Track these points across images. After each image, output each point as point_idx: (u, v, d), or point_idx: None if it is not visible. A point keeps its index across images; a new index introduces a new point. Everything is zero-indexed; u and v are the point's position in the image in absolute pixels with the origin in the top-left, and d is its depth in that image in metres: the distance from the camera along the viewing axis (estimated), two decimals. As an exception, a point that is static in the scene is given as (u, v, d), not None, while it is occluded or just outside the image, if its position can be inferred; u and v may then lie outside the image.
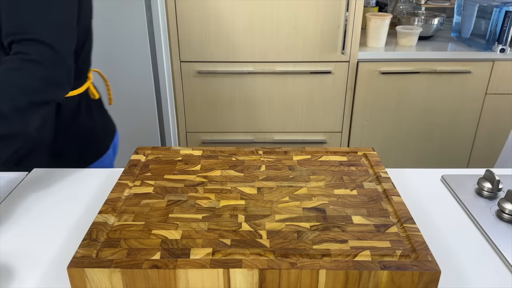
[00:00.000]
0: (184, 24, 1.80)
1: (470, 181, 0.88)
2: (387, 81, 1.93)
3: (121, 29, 1.74)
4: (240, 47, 1.85)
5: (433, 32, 2.10)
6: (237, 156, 0.88)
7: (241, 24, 1.81)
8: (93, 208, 0.81)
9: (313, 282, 0.58)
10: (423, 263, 0.59)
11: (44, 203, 0.83)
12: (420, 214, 0.80)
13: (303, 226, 0.66)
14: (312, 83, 1.92)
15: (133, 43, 1.78)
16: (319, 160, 0.87)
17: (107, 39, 1.75)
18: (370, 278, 0.58)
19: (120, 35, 1.75)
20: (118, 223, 0.67)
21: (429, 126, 2.04)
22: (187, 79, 1.91)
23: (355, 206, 0.72)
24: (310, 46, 1.85)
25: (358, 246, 0.62)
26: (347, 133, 2.05)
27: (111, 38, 1.75)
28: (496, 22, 1.86)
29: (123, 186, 0.77)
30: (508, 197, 0.77)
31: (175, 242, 0.63)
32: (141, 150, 0.90)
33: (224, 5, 1.77)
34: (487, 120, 2.03)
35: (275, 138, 2.04)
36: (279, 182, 0.79)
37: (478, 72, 1.92)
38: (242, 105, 1.96)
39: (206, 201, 0.73)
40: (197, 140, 2.05)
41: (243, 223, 0.67)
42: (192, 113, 1.98)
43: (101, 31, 1.73)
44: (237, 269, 0.57)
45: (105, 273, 0.57)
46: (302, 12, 1.79)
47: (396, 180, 0.91)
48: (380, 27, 1.91)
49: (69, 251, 0.70)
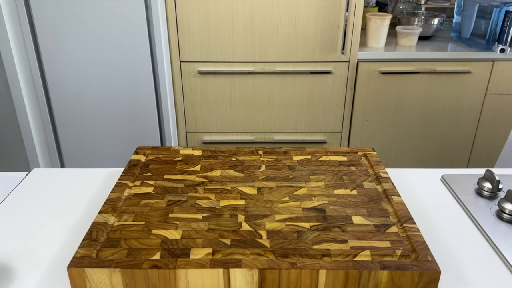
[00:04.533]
0: (184, 24, 1.80)
1: (470, 181, 0.88)
2: (387, 81, 1.93)
3: (121, 29, 1.74)
4: (240, 47, 1.85)
5: (433, 32, 2.10)
6: (237, 156, 0.88)
7: (241, 24, 1.81)
8: (93, 208, 0.81)
9: (313, 282, 0.58)
10: (423, 263, 0.59)
11: (44, 203, 0.83)
12: (420, 214, 0.80)
13: (303, 226, 0.66)
14: (312, 83, 1.92)
15: (133, 43, 1.78)
16: (319, 160, 0.87)
17: (107, 39, 1.75)
18: (370, 278, 0.58)
19: (120, 35, 1.75)
20: (118, 223, 0.67)
21: (429, 126, 2.04)
22: (187, 79, 1.91)
23: (355, 206, 0.72)
24: (310, 46, 1.85)
25: (358, 246, 0.62)
26: (347, 133, 2.05)
27: (111, 38, 1.75)
28: (496, 22, 1.86)
29: (123, 186, 0.77)
30: (508, 197, 0.77)
31: (175, 242, 0.63)
32: (141, 150, 0.90)
33: (224, 5, 1.77)
34: (487, 120, 2.02)
35: (275, 138, 2.04)
36: (279, 182, 0.79)
37: (478, 72, 1.92)
38: (242, 105, 1.96)
39: (206, 201, 0.73)
40: (197, 140, 2.05)
41: (243, 223, 0.67)
42: (192, 113, 1.98)
43: (101, 31, 1.73)
44: (237, 269, 0.57)
45: (105, 273, 0.57)
46: (302, 12, 1.79)
47: (396, 180, 0.91)
48: (380, 27, 1.91)
49: (69, 251, 0.70)
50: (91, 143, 1.97)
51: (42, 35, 1.75)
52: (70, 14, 1.71)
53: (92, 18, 1.71)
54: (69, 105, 1.89)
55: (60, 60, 1.80)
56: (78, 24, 1.72)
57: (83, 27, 1.73)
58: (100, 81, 1.85)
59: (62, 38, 1.75)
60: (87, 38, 1.75)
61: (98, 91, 1.86)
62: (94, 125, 1.93)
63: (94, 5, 1.69)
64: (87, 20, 1.72)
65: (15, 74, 1.81)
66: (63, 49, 1.77)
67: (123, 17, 1.72)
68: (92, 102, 1.88)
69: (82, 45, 1.76)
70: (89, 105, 1.89)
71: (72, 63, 1.80)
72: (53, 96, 1.87)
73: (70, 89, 1.85)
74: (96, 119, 1.92)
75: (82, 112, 1.90)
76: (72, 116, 1.91)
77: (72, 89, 1.85)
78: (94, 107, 1.89)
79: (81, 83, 1.84)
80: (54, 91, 1.86)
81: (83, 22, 1.72)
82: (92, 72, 1.82)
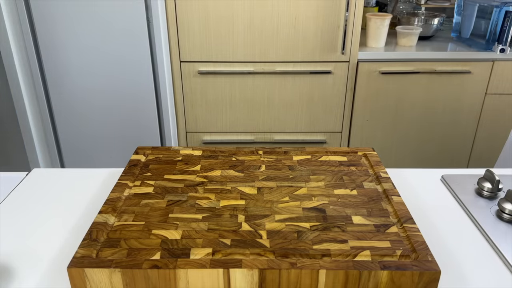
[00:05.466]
0: (184, 24, 1.80)
1: (470, 181, 0.88)
2: (387, 81, 1.93)
3: (121, 29, 1.74)
4: (240, 47, 1.85)
5: (433, 32, 2.10)
6: (237, 156, 0.88)
7: (241, 24, 1.81)
8: (93, 208, 0.81)
9: (313, 282, 0.58)
10: (423, 263, 0.59)
11: (44, 203, 0.83)
12: (420, 214, 0.80)
13: (303, 226, 0.66)
14: (312, 83, 1.92)
15: (133, 43, 1.78)
16: (319, 160, 0.87)
17: (107, 39, 1.75)
18: (370, 278, 0.58)
19: (120, 35, 1.75)
20: (118, 223, 0.67)
21: (429, 126, 2.04)
22: (187, 79, 1.91)
23: (355, 206, 0.72)
24: (310, 46, 1.85)
25: (358, 246, 0.62)
26: (347, 133, 2.05)
27: (111, 38, 1.75)
28: (496, 22, 1.86)
29: (123, 186, 0.77)
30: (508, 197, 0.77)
31: (175, 242, 0.63)
32: (141, 150, 0.90)
33: (224, 5, 1.77)
34: (487, 120, 2.02)
35: (275, 138, 2.04)
36: (279, 182, 0.79)
37: (478, 72, 1.92)
38: (242, 105, 1.96)
39: (206, 201, 0.73)
40: (197, 140, 2.05)
41: (243, 223, 0.67)
42: (192, 113, 1.98)
43: (101, 31, 1.73)
44: (237, 269, 0.57)
45: (105, 273, 0.57)
46: (302, 12, 1.79)
47: (396, 180, 0.91)
48: (380, 27, 1.91)
49: (69, 251, 0.70)
50: (91, 143, 1.97)
51: (42, 35, 1.75)
52: (70, 14, 1.71)
53: (92, 18, 1.71)
54: (69, 105, 1.89)
55: (60, 60, 1.80)
56: (78, 24, 1.72)
57: (83, 27, 1.73)
58: (100, 81, 1.85)
59: (62, 38, 1.75)
60: (87, 38, 1.75)
61: (98, 91, 1.86)
62: (94, 125, 1.93)
63: (94, 5, 1.69)
64: (87, 20, 1.72)
65: (15, 74, 1.81)
66: (63, 49, 1.77)
67: (123, 17, 1.72)
68: (92, 102, 1.88)
69: (82, 45, 1.76)
70: (89, 105, 1.89)
71: (72, 63, 1.80)
72: (53, 96, 1.87)
73: (70, 89, 1.85)
74: (96, 119, 1.92)
75: (82, 112, 1.90)
76: (72, 116, 1.91)
77: (72, 89, 1.85)
78: (94, 107, 1.89)
79: (81, 83, 1.84)
80: (54, 91, 1.86)
81: (83, 22, 1.72)
82: (92, 72, 1.82)
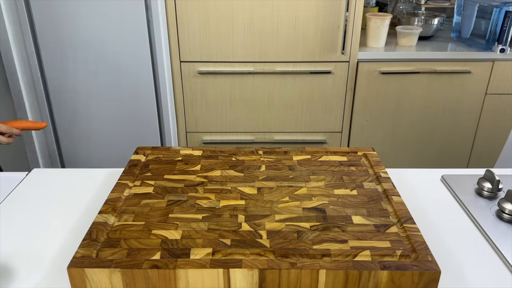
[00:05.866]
0: (184, 24, 1.80)
1: (470, 181, 0.88)
2: (387, 81, 1.93)
3: (121, 29, 1.74)
4: (240, 47, 1.85)
5: (433, 32, 2.10)
6: (237, 156, 0.88)
7: (241, 24, 1.80)
8: (93, 208, 0.81)
9: (313, 282, 0.58)
10: (423, 263, 0.59)
11: (44, 203, 0.83)
12: (420, 214, 0.80)
13: (303, 226, 0.66)
14: (312, 83, 1.92)
15: (133, 43, 1.78)
16: (319, 160, 0.87)
17: (107, 39, 1.75)
18: (370, 278, 0.58)
19: (120, 35, 1.75)
20: (118, 223, 0.67)
21: (429, 126, 2.04)
22: (187, 79, 1.91)
23: (355, 206, 0.72)
24: (310, 46, 1.85)
25: (358, 246, 0.62)
26: (347, 133, 2.05)
27: (111, 38, 1.75)
28: (496, 22, 1.86)
29: (123, 186, 0.77)
30: (508, 197, 0.77)
31: (175, 242, 0.63)
32: (141, 150, 0.90)
33: (224, 5, 1.77)
34: (487, 120, 2.02)
35: (275, 138, 2.04)
36: (279, 182, 0.79)
37: (478, 72, 1.92)
38: (242, 105, 1.96)
39: (206, 201, 0.73)
40: (197, 140, 2.05)
41: (243, 223, 0.67)
42: (192, 113, 1.98)
43: (101, 31, 1.73)
44: (237, 269, 0.57)
45: (105, 273, 0.57)
46: (302, 12, 1.79)
47: (396, 180, 0.91)
48: (380, 27, 1.91)
49: (69, 251, 0.70)
50: (91, 143, 1.97)
51: (42, 35, 1.75)
52: (70, 14, 1.71)
53: (92, 18, 1.71)
54: (69, 105, 1.89)
55: (60, 60, 1.80)
56: (78, 24, 1.72)
57: (83, 27, 1.73)
58: (100, 81, 1.85)
59: (62, 38, 1.75)
60: (87, 38, 1.75)
61: (98, 91, 1.86)
62: (94, 125, 1.93)
63: (94, 5, 1.69)
64: (87, 20, 1.72)
65: (15, 74, 1.81)
66: (63, 49, 1.77)
67: (123, 17, 1.72)
68: (92, 102, 1.88)
69: (82, 45, 1.76)
70: (89, 105, 1.89)
71: (72, 63, 1.80)
72: (53, 96, 1.87)
73: (70, 89, 1.85)
74: (96, 119, 1.92)
75: (82, 112, 1.90)
76: (72, 116, 1.91)
77: (72, 89, 1.85)
78: (94, 107, 1.89)
79: (81, 83, 1.84)
80: (54, 91, 1.86)
81: (83, 22, 1.72)
82: (92, 72, 1.82)
